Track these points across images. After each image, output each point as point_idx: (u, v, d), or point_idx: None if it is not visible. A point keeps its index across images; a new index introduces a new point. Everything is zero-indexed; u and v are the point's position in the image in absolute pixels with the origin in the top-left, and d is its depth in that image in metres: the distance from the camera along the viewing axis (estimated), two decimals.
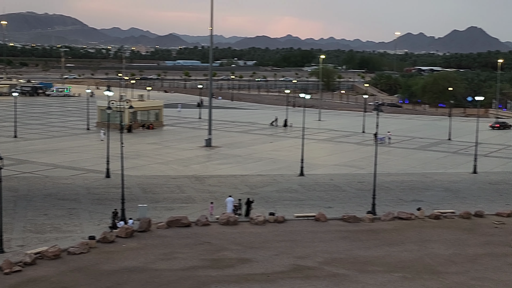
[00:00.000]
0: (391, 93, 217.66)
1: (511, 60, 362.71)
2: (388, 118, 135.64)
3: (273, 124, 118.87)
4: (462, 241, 47.10)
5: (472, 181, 71.70)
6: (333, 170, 75.32)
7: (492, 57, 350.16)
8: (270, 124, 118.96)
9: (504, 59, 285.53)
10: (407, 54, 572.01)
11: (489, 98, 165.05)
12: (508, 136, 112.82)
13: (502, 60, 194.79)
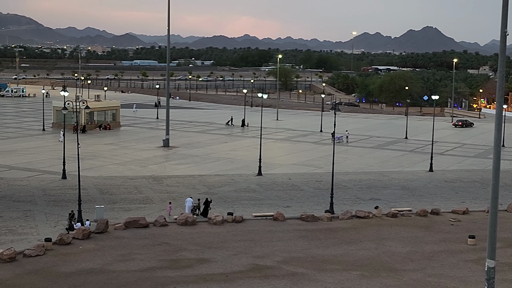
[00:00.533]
0: (349, 92, 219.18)
1: (465, 60, 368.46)
2: (346, 117, 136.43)
3: (228, 124, 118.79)
4: (419, 238, 47.53)
5: (428, 179, 72.44)
6: (291, 170, 75.46)
7: (447, 56, 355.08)
8: (226, 124, 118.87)
9: (459, 58, 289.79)
10: (364, 54, 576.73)
11: (444, 97, 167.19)
12: (463, 135, 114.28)
13: (457, 59, 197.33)
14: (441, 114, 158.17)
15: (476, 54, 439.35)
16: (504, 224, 50.63)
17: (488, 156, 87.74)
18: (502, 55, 28.83)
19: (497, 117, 29.59)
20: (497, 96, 28.69)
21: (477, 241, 45.68)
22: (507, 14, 28.45)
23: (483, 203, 59.07)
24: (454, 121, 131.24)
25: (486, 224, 33.07)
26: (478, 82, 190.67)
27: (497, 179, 29.36)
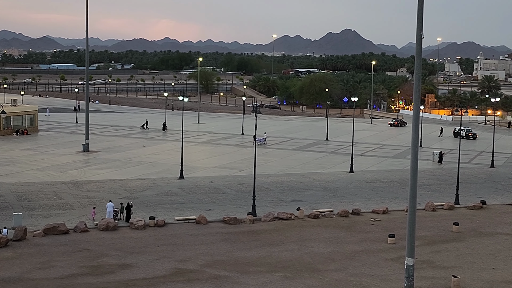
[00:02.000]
0: (270, 94, 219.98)
1: (384, 62, 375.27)
2: (267, 119, 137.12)
3: (143, 127, 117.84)
4: (340, 239, 48.11)
5: (349, 180, 73.43)
6: (213, 173, 75.34)
7: (366, 59, 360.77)
8: (141, 127, 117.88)
9: (377, 61, 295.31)
10: (285, 56, 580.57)
11: (364, 98, 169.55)
12: (381, 136, 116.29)
13: (375, 62, 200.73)
14: (361, 116, 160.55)
15: (393, 57, 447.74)
16: (422, 223, 51.76)
17: (406, 156, 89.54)
18: (418, 58, 29.43)
19: (414, 118, 30.17)
20: (414, 98, 29.26)
21: (397, 240, 46.55)
22: (423, 18, 29.07)
23: (402, 203, 60.21)
24: (390, 120, 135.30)
25: (405, 223, 33.71)
26: (396, 84, 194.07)
27: (415, 178, 29.94)
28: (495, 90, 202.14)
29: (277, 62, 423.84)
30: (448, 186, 69.48)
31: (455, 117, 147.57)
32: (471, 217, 56.23)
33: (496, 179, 76.90)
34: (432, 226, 52.35)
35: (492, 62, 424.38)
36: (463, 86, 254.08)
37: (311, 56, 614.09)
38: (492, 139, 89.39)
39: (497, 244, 47.51)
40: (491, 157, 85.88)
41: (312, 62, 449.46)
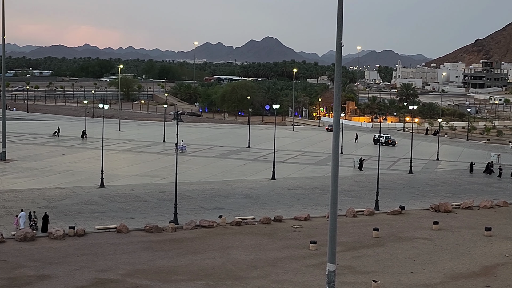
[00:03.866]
0: (191, 102, 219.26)
1: (305, 70, 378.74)
2: (189, 127, 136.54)
3: (55, 134, 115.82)
4: (262, 246, 48.19)
5: (271, 187, 73.71)
6: (134, 181, 74.51)
7: (288, 66, 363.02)
8: (53, 135, 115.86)
9: (298, 68, 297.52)
10: (206, 64, 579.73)
11: (285, 106, 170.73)
12: (303, 143, 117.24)
13: (296, 69, 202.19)
14: (283, 123, 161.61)
15: (315, 64, 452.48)
16: (344, 229, 52.33)
17: (327, 163, 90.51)
18: (338, 65, 29.70)
19: (335, 125, 30.42)
20: (334, 105, 29.50)
21: (318, 246, 46.92)
22: (342, 26, 29.36)
23: (323, 209, 60.76)
24: (327, 126, 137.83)
25: (327, 229, 33.93)
26: (317, 91, 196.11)
27: (336, 185, 30.17)
28: (413, 98, 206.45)
29: (199, 69, 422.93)
30: (368, 192, 70.51)
31: (375, 124, 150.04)
32: (391, 223, 57.19)
33: (414, 184, 78.48)
34: (352, 232, 52.99)
35: (410, 70, 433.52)
36: (382, 93, 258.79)
37: (233, 64, 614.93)
38: (410, 145, 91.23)
39: (416, 248, 48.42)
40: (410, 163, 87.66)
41: (234, 69, 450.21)
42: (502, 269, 43.23)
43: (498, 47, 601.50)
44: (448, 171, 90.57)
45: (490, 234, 52.81)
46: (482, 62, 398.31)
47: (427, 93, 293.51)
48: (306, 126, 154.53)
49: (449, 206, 62.84)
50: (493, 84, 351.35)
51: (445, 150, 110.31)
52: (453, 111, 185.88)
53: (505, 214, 62.48)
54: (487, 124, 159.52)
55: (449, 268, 43.32)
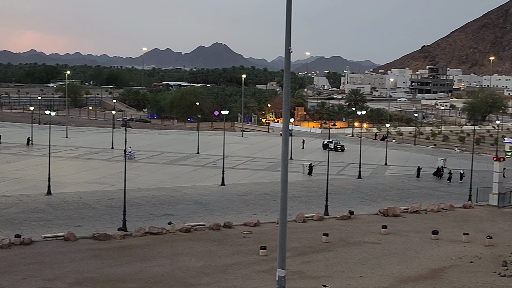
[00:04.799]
0: (140, 108, 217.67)
1: (254, 76, 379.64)
2: (137, 133, 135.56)
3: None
4: (212, 252, 48.00)
5: (220, 193, 73.56)
6: (82, 188, 73.61)
7: (237, 72, 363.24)
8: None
9: (247, 74, 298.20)
10: (155, 70, 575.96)
11: (234, 112, 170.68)
12: (252, 149, 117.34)
13: (245, 75, 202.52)
14: (232, 129, 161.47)
15: (264, 70, 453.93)
16: (293, 234, 52.43)
17: (277, 169, 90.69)
18: (287, 71, 29.71)
19: (284, 131, 30.43)
20: (283, 111, 29.50)
21: (268, 251, 46.91)
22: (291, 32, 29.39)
23: (273, 215, 60.82)
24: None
25: (277, 235, 33.91)
26: (266, 97, 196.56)
27: (285, 191, 30.16)
28: (361, 103, 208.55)
29: (147, 75, 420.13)
30: (317, 198, 70.85)
31: (324, 129, 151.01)
32: (340, 227, 57.52)
33: (363, 189, 79.16)
34: (302, 237, 53.14)
35: (358, 76, 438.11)
36: (331, 99, 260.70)
37: (181, 70, 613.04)
38: (359, 151, 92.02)
39: (365, 252, 48.77)
40: (358, 168, 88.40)
41: (183, 75, 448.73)
42: (449, 272, 43.79)
43: (443, 53, 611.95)
44: (396, 176, 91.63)
45: (437, 237, 53.50)
46: (429, 68, 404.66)
47: (375, 99, 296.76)
48: (256, 132, 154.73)
49: (397, 211, 63.50)
50: (439, 89, 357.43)
51: (393, 155, 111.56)
52: (400, 116, 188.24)
53: (451, 217, 63.38)
54: (433, 129, 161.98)
55: (398, 272, 43.72)
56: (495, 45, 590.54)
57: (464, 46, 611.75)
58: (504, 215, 66.24)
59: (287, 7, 29.10)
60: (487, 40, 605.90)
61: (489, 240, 51.81)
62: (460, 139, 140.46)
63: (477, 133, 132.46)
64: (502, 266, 43.55)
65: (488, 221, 62.71)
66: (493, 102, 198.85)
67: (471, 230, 55.87)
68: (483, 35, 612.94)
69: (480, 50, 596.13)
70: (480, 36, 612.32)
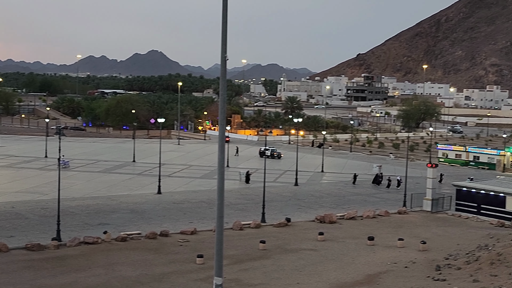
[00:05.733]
0: (74, 116, 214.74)
1: (191, 83, 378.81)
2: (72, 141, 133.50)
3: None
4: (149, 261, 47.49)
5: (157, 201, 72.96)
6: (15, 198, 72.03)
7: (173, 80, 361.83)
8: None
9: (184, 82, 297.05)
10: (90, 77, 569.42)
11: (171, 119, 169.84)
12: (189, 157, 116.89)
13: (182, 83, 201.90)
14: (168, 137, 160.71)
15: (200, 78, 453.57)
16: (230, 242, 52.28)
17: (213, 176, 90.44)
18: (223, 79, 29.61)
19: (220, 138, 30.30)
20: (219, 118, 29.37)
21: (205, 260, 46.64)
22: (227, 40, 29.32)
23: (210, 223, 60.57)
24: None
25: (213, 243, 33.73)
26: (202, 105, 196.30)
27: (222, 198, 30.02)
28: (298, 111, 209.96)
29: (82, 83, 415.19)
30: (254, 205, 70.87)
31: (260, 137, 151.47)
32: (277, 235, 57.60)
33: (300, 196, 79.55)
34: (239, 245, 53.02)
35: (295, 83, 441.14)
36: (268, 106, 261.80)
37: (117, 77, 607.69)
38: (296, 158, 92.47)
39: (302, 259, 48.91)
40: (295, 175, 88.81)
41: (118, 83, 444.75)
42: (384, 277, 44.22)
43: (378, 61, 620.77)
44: (333, 183, 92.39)
45: (373, 243, 54.03)
46: (364, 76, 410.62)
47: (312, 106, 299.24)
48: (192, 140, 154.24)
49: (333, 217, 63.95)
50: (375, 97, 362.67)
51: (330, 162, 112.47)
52: (336, 123, 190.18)
53: (387, 223, 64.16)
54: (369, 136, 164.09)
55: (334, 278, 43.95)
56: (428, 54, 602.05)
57: (398, 54, 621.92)
58: (437, 220, 67.39)
59: (223, 15, 29.03)
60: (420, 48, 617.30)
61: (423, 245, 52.57)
62: (395, 146, 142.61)
63: (411, 140, 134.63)
64: (435, 271, 44.20)
65: (422, 226, 63.67)
66: (426, 110, 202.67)
67: (405, 236, 56.62)
68: (416, 43, 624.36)
69: (414, 59, 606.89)
70: (413, 45, 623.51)
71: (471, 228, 63.16)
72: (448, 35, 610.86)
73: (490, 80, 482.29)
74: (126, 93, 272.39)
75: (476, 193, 70.98)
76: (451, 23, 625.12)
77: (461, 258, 46.84)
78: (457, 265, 44.47)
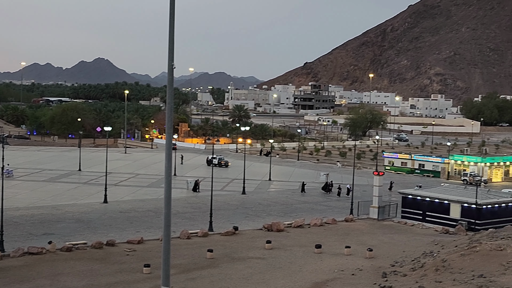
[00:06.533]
0: (18, 124, 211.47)
1: (137, 91, 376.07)
2: (16, 150, 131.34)
3: None
4: (95, 271, 46.89)
5: (103, 210, 72.15)
6: None
7: (120, 88, 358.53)
8: None
9: (131, 90, 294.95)
10: (35, 85, 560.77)
11: (117, 128, 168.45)
12: (136, 165, 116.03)
13: (128, 91, 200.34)
14: (115, 145, 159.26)
15: (147, 86, 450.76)
16: (178, 251, 51.94)
17: (160, 185, 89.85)
18: (170, 87, 29.45)
19: (167, 147, 30.10)
20: (166, 127, 29.20)
21: (152, 269, 46.24)
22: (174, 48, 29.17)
23: (157, 232, 60.13)
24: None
25: (160, 252, 33.47)
26: (149, 113, 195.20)
27: (169, 207, 29.81)
28: (245, 119, 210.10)
29: (26, 90, 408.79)
30: (202, 214, 70.61)
31: (208, 145, 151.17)
32: (224, 243, 57.44)
33: (247, 205, 79.53)
34: (187, 254, 52.72)
35: (242, 92, 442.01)
36: (215, 115, 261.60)
37: (62, 85, 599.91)
38: (243, 166, 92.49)
39: (249, 268, 48.83)
40: (243, 184, 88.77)
41: (64, 91, 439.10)
42: (331, 284, 44.40)
43: (325, 70, 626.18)
44: (280, 191, 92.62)
45: (320, 251, 54.25)
46: (311, 85, 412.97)
47: (259, 114, 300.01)
48: (139, 148, 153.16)
49: (281, 225, 64.04)
50: (322, 105, 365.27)
51: (277, 170, 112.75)
52: (284, 132, 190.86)
53: (334, 231, 64.51)
54: (316, 144, 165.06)
55: (282, 286, 43.96)
56: (374, 63, 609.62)
57: (345, 63, 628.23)
58: (383, 228, 68.03)
59: (170, 23, 28.88)
60: (367, 57, 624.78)
61: (370, 253, 52.98)
62: (342, 154, 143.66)
63: (358, 148, 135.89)
64: (382, 278, 44.55)
65: (368, 234, 64.19)
66: (372, 118, 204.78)
67: (352, 243, 57.00)
68: (362, 52, 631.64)
69: (360, 67, 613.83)
70: (360, 54, 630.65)
71: (416, 235, 63.92)
72: (393, 44, 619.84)
73: (435, 89, 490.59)
74: (72, 101, 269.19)
75: (421, 200, 71.94)
76: (397, 33, 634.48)
77: (407, 265, 47.33)
78: (403, 272, 44.90)
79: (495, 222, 66.90)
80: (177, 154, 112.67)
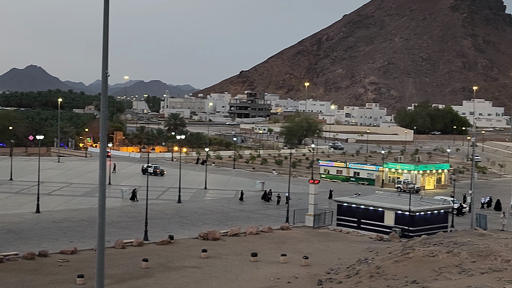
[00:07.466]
0: None
1: (71, 99, 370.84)
2: None
3: None
4: (27, 282, 45.90)
5: (35, 220, 70.78)
6: None
7: (53, 96, 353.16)
8: None
9: (64, 98, 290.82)
10: None
11: (51, 136, 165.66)
12: (69, 174, 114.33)
13: (62, 99, 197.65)
14: (48, 154, 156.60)
15: (81, 94, 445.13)
16: (112, 261, 51.25)
17: (95, 194, 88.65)
18: (104, 95, 29.03)
19: (101, 155, 29.68)
20: (101, 135, 28.79)
21: (86, 280, 45.48)
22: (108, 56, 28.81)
23: (91, 242, 59.25)
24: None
25: (95, 262, 32.94)
26: (84, 122, 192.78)
27: (103, 217, 29.36)
28: (181, 128, 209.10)
29: None
30: (137, 223, 69.90)
31: (143, 154, 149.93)
32: (160, 252, 56.94)
33: (183, 213, 79.10)
34: (121, 264, 52.06)
35: (178, 100, 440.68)
36: (150, 123, 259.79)
37: None
38: (179, 175, 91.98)
39: (185, 277, 48.50)
40: (178, 192, 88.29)
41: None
42: None
43: (261, 78, 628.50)
44: (216, 200, 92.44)
45: (256, 259, 54.24)
46: (247, 93, 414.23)
47: (195, 123, 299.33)
48: (73, 157, 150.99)
49: (217, 234, 63.85)
50: (258, 114, 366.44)
51: (213, 178, 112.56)
52: (220, 140, 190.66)
53: (270, 239, 64.61)
54: (252, 152, 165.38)
55: None
56: (309, 72, 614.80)
57: (281, 72, 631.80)
58: (319, 236, 68.46)
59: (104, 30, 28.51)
60: (302, 66, 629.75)
61: (305, 260, 53.21)
62: (278, 162, 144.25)
63: (293, 156, 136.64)
64: (317, 285, 44.78)
65: (304, 241, 64.50)
66: (308, 126, 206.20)
67: (288, 251, 57.17)
68: (298, 61, 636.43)
69: (296, 76, 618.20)
70: (295, 63, 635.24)
71: (351, 243, 64.53)
72: (329, 53, 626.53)
73: (369, 97, 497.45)
74: (3, 109, 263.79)
75: (356, 208, 72.67)
76: (332, 42, 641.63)
77: (342, 272, 47.67)
78: (338, 279, 45.21)
79: (428, 228, 68.05)
80: (111, 161, 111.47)
